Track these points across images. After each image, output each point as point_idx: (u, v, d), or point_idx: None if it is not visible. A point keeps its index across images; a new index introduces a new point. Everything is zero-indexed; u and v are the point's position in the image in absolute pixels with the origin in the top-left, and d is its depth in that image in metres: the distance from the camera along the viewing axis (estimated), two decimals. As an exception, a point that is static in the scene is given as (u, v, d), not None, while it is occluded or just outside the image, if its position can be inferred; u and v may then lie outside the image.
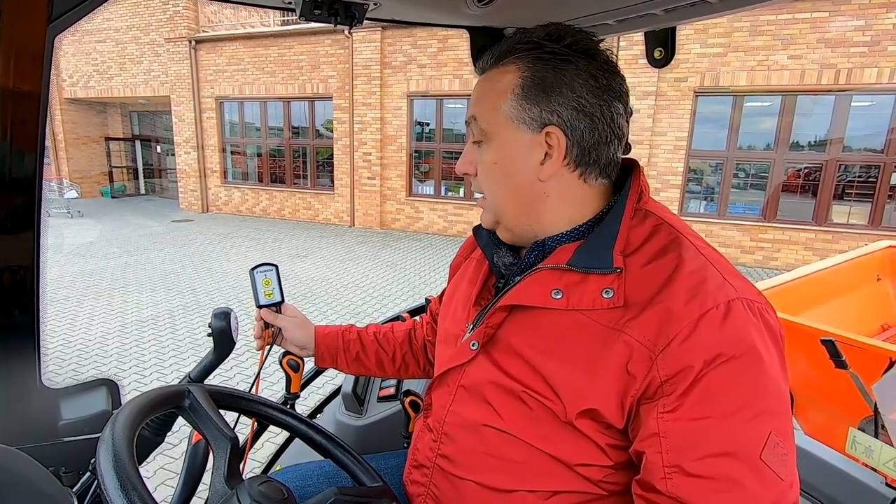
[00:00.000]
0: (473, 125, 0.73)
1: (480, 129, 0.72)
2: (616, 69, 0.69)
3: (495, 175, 0.72)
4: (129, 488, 0.47)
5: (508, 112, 0.68)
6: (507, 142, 0.70)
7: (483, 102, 0.71)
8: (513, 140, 0.69)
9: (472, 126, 0.73)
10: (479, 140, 0.73)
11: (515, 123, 0.68)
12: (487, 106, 0.71)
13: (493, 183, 0.73)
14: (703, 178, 8.67)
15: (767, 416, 0.56)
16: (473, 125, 0.73)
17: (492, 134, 0.71)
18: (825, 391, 2.10)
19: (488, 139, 0.71)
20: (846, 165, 7.69)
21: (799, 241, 7.87)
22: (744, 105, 8.01)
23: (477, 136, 0.72)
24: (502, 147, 0.70)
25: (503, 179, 0.72)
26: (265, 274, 1.03)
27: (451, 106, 10.05)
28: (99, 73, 13.60)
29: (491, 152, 0.71)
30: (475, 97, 0.73)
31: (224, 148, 12.57)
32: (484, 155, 0.72)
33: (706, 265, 0.63)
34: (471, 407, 0.73)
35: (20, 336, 0.83)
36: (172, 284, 6.41)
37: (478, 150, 0.73)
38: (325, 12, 0.86)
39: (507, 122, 0.69)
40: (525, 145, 0.68)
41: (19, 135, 0.72)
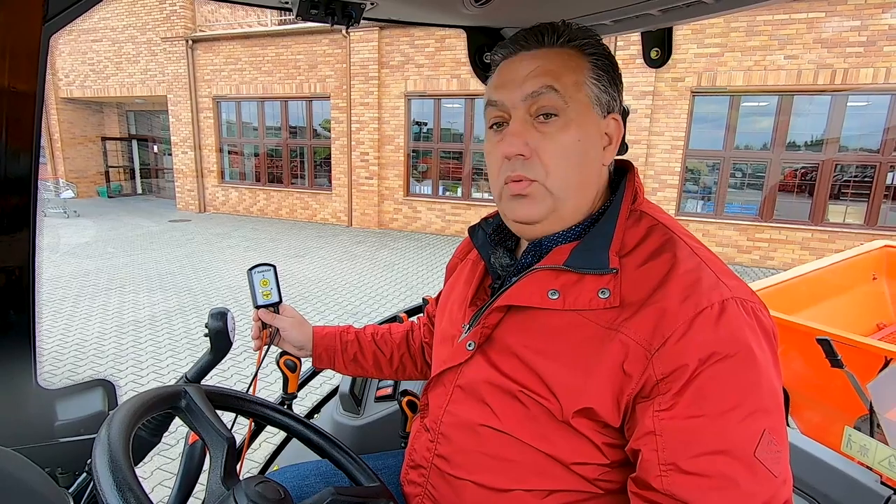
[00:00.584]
0: (551, 97, 0.66)
1: (562, 102, 0.66)
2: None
3: (575, 155, 0.67)
4: (125, 489, 0.47)
5: (589, 91, 0.68)
6: (587, 121, 0.68)
7: (562, 76, 0.67)
8: (591, 120, 0.69)
9: (547, 98, 0.66)
10: (551, 113, 0.66)
11: (592, 104, 0.69)
12: (568, 80, 0.67)
13: (571, 163, 0.67)
14: (700, 177, 8.70)
15: (761, 414, 0.56)
16: (551, 97, 0.66)
17: (573, 110, 0.67)
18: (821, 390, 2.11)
19: (567, 115, 0.66)
20: (842, 165, 7.72)
21: (795, 241, 7.90)
22: (740, 105, 8.04)
23: (551, 109, 0.66)
24: (584, 126, 0.68)
25: (582, 160, 0.68)
26: (263, 274, 1.03)
27: (448, 106, 10.05)
28: (95, 72, 13.54)
29: (573, 129, 0.67)
30: (546, 69, 0.67)
31: (221, 148, 12.54)
32: (560, 133, 0.66)
33: (700, 265, 0.63)
34: (467, 407, 0.73)
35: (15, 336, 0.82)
36: (169, 284, 6.39)
37: (542, 127, 0.67)
38: (321, 12, 0.85)
39: (587, 101, 0.68)
40: (597, 128, 0.69)
41: (14, 134, 0.72)
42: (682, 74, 7.97)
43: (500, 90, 0.70)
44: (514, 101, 0.68)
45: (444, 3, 0.95)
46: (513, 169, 0.68)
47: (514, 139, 0.67)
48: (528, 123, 0.67)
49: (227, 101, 12.18)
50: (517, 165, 0.68)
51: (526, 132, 0.67)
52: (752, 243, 8.13)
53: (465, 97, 9.68)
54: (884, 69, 7.00)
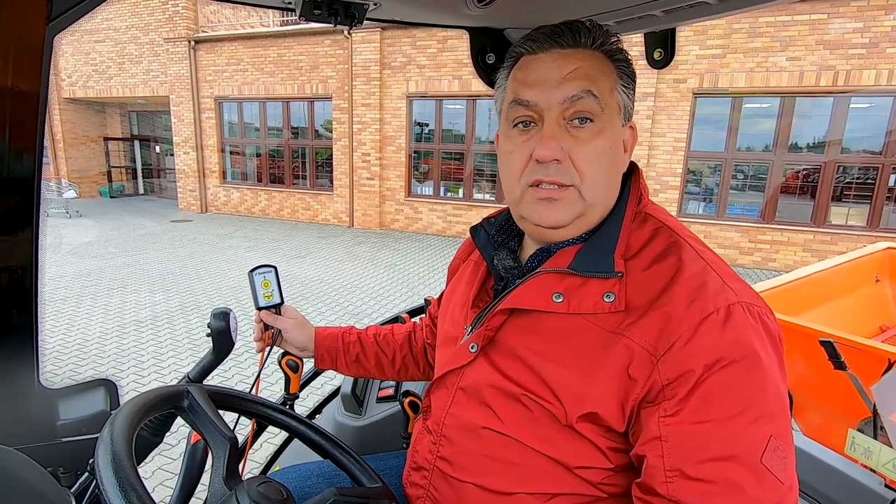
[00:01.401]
0: (588, 102, 0.64)
1: (598, 108, 0.65)
2: None
3: (607, 160, 0.66)
4: (127, 489, 0.47)
5: (619, 97, 0.68)
6: (616, 128, 0.68)
7: (600, 80, 0.65)
8: (618, 127, 0.68)
9: (582, 103, 0.64)
10: (587, 118, 0.65)
11: (620, 111, 0.68)
12: (604, 85, 0.66)
13: (603, 170, 0.66)
14: (702, 179, 8.68)
15: (768, 420, 0.56)
16: (588, 102, 0.64)
17: (607, 117, 0.66)
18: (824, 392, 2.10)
19: (601, 121, 0.66)
20: (845, 167, 7.70)
21: (797, 243, 7.88)
22: (742, 106, 8.03)
23: (587, 114, 0.65)
24: (614, 132, 0.67)
25: (612, 167, 0.68)
26: (264, 275, 1.03)
27: (450, 106, 10.05)
28: (98, 72, 13.58)
29: (605, 136, 0.66)
30: (585, 72, 0.65)
31: (223, 148, 12.56)
32: (595, 138, 0.65)
33: (706, 269, 0.63)
34: (470, 409, 0.73)
35: (18, 336, 0.82)
36: (171, 284, 6.40)
37: (576, 131, 0.65)
38: (324, 12, 0.86)
39: (617, 107, 0.68)
40: (621, 135, 0.69)
41: (18, 134, 0.72)
42: (684, 76, 7.96)
43: (532, 89, 0.66)
44: (549, 102, 0.65)
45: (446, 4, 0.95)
46: (545, 173, 0.65)
47: (551, 142, 0.64)
48: (562, 127, 0.65)
49: (229, 102, 12.20)
50: (551, 170, 0.65)
51: (561, 136, 0.65)
52: (753, 245, 8.12)
53: (467, 98, 9.68)
54: (886, 71, 6.99)
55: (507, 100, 0.70)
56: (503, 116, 0.72)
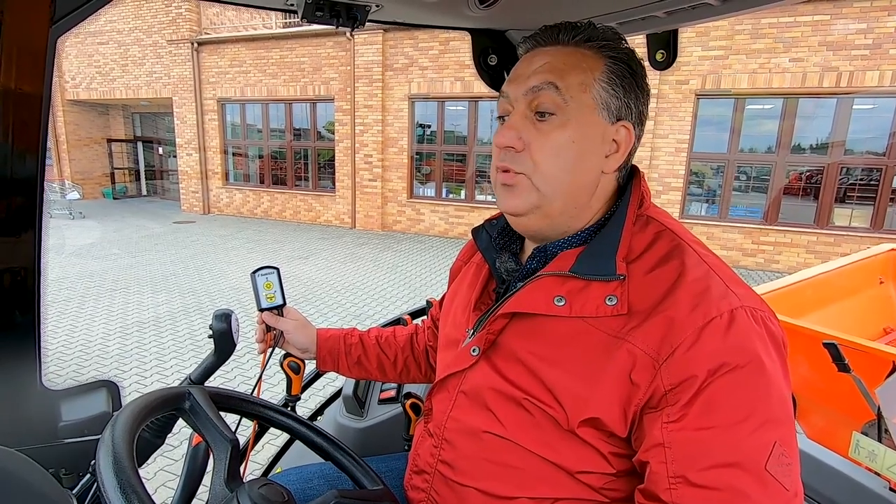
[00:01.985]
0: (550, 93, 0.66)
1: (561, 100, 0.65)
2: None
3: (567, 155, 0.66)
4: (128, 491, 0.47)
5: (596, 93, 0.67)
6: (588, 123, 0.67)
7: (568, 75, 0.66)
8: (593, 123, 0.67)
9: (546, 94, 0.66)
10: (549, 111, 0.66)
11: (598, 108, 0.67)
12: (574, 79, 0.66)
13: (562, 163, 0.66)
14: (705, 180, 8.67)
15: (772, 426, 0.55)
16: (550, 93, 0.66)
17: (573, 110, 0.66)
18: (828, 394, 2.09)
19: (566, 115, 0.66)
20: (848, 168, 7.68)
21: (800, 244, 7.85)
22: (745, 108, 8.01)
23: (550, 108, 0.66)
24: (583, 127, 0.67)
25: (575, 162, 0.67)
26: (266, 277, 1.03)
27: (452, 108, 10.06)
28: (101, 74, 13.63)
29: (569, 130, 0.66)
30: (553, 66, 0.66)
31: (226, 150, 12.59)
32: (557, 131, 0.66)
33: (709, 273, 0.62)
34: (471, 413, 0.73)
35: (21, 337, 0.83)
36: (173, 286, 6.41)
37: (540, 124, 0.67)
38: (326, 14, 0.86)
39: (591, 104, 0.67)
40: (600, 133, 0.68)
41: (21, 136, 0.72)
42: (686, 77, 7.95)
43: (509, 83, 0.71)
44: (517, 94, 0.69)
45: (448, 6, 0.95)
46: (503, 159, 0.69)
47: (508, 131, 0.68)
48: (528, 119, 0.68)
49: (232, 104, 12.24)
50: (507, 157, 0.68)
51: (522, 126, 0.67)
52: (756, 246, 8.09)
53: (469, 99, 9.69)
54: (889, 72, 6.97)
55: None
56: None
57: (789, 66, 7.45)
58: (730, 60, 7.74)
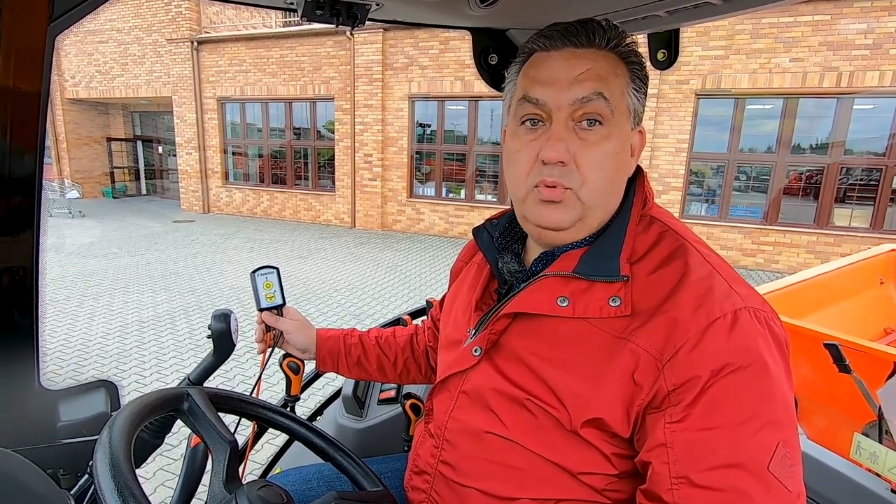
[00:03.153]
0: (597, 104, 0.63)
1: (608, 111, 0.63)
2: None
3: (611, 166, 0.65)
4: (125, 492, 0.47)
5: (630, 100, 0.66)
6: (624, 132, 0.66)
7: (611, 83, 0.64)
8: (627, 131, 0.67)
9: (593, 105, 0.63)
10: (596, 120, 0.64)
11: (630, 115, 0.67)
12: (616, 87, 0.64)
13: (606, 174, 0.65)
14: (705, 180, 8.67)
15: (775, 427, 0.55)
16: (597, 104, 0.63)
17: (616, 120, 0.65)
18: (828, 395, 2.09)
19: (610, 125, 0.64)
20: (848, 168, 7.67)
21: (800, 245, 7.85)
22: (745, 107, 8.01)
23: (597, 117, 0.64)
24: (622, 136, 0.66)
25: (615, 172, 0.66)
26: (266, 276, 1.02)
27: (452, 108, 10.06)
28: (101, 73, 13.62)
29: (613, 139, 0.65)
30: (597, 74, 0.63)
31: (225, 149, 12.58)
32: (603, 141, 0.64)
33: (712, 273, 0.62)
34: (473, 413, 0.72)
35: (19, 337, 0.82)
36: (173, 285, 6.41)
37: (583, 133, 0.64)
38: (326, 13, 0.85)
39: (627, 111, 0.66)
40: (629, 140, 0.68)
41: (19, 134, 0.72)
42: (686, 77, 7.95)
43: (542, 87, 0.65)
44: (559, 102, 0.64)
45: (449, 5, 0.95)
46: (550, 174, 0.64)
47: (558, 144, 0.63)
48: (570, 129, 0.64)
49: (232, 103, 12.23)
50: (555, 172, 0.64)
51: (568, 137, 0.64)
52: (756, 247, 8.09)
53: (469, 99, 9.68)
54: (890, 72, 6.97)
55: (516, 96, 0.69)
56: (511, 113, 0.71)
57: (790, 66, 7.45)
58: (730, 60, 7.73)
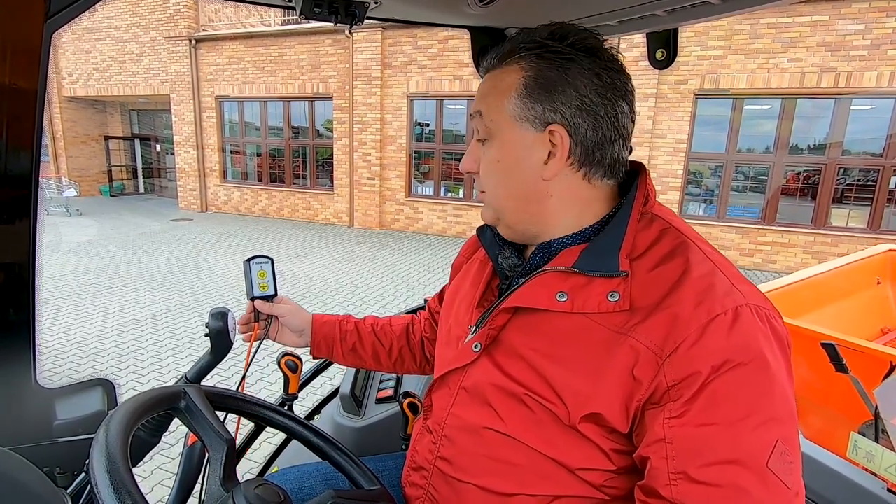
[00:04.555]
0: (478, 122, 0.73)
1: (485, 126, 0.71)
2: (621, 68, 0.68)
3: (498, 173, 0.72)
4: (121, 491, 0.47)
5: (512, 110, 0.68)
6: (510, 140, 0.69)
7: (487, 100, 0.71)
8: (517, 138, 0.69)
9: (477, 123, 0.73)
10: (483, 138, 0.72)
11: (519, 122, 0.68)
12: (492, 103, 0.70)
13: (496, 180, 0.72)
14: (703, 180, 8.68)
15: (774, 424, 0.55)
16: (478, 122, 0.73)
17: (495, 131, 0.70)
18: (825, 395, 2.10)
19: (492, 136, 0.71)
20: (845, 169, 7.70)
21: (798, 245, 7.87)
22: (743, 108, 8.02)
23: (481, 134, 0.72)
24: (506, 145, 0.70)
25: (505, 177, 0.71)
26: (261, 266, 1.02)
27: (451, 107, 10.05)
28: (99, 71, 13.58)
29: (494, 150, 0.71)
30: (480, 94, 0.73)
31: (224, 147, 12.56)
32: (487, 152, 0.72)
33: (714, 270, 0.62)
34: (472, 409, 0.72)
35: (15, 335, 0.82)
36: (170, 283, 6.39)
37: (481, 147, 0.73)
38: (325, 10, 0.85)
39: (510, 121, 0.69)
40: (528, 144, 0.68)
41: (15, 132, 0.72)
42: (685, 77, 7.96)
43: None
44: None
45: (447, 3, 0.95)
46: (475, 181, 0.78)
47: (466, 157, 0.76)
48: (478, 144, 0.74)
49: (230, 101, 12.20)
50: (474, 180, 0.77)
51: (474, 151, 0.75)
52: (754, 247, 8.11)
53: (468, 98, 9.67)
54: (888, 73, 6.98)
55: None
56: None
57: (788, 67, 7.46)
58: (728, 60, 7.74)
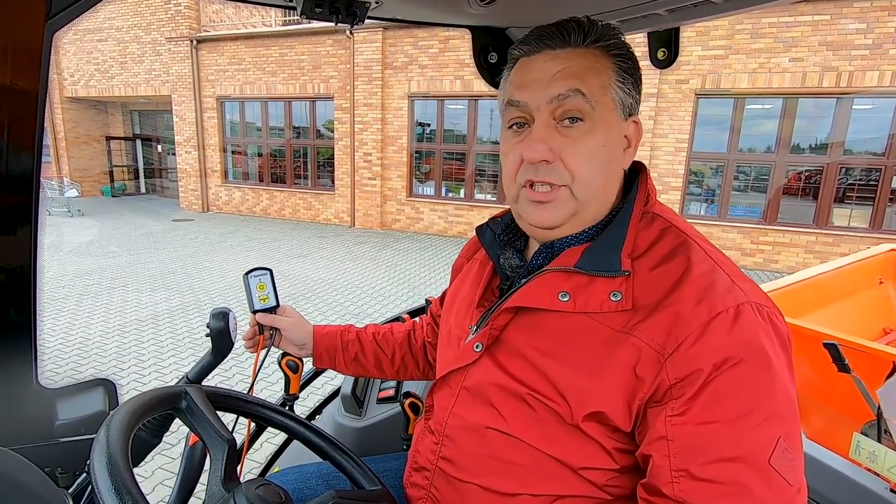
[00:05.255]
0: (577, 100, 0.64)
1: (588, 106, 0.65)
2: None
3: (600, 159, 0.66)
4: (122, 491, 0.47)
5: (614, 94, 0.67)
6: (611, 125, 0.67)
7: (588, 78, 0.65)
8: (615, 124, 0.68)
9: (571, 102, 0.65)
10: (576, 117, 0.65)
11: (616, 107, 0.68)
12: (594, 83, 0.65)
13: (595, 168, 0.66)
14: (704, 180, 8.67)
15: (776, 421, 0.55)
16: (577, 100, 0.64)
17: (598, 114, 0.66)
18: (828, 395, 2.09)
19: (593, 119, 0.65)
20: (847, 168, 7.68)
21: (799, 244, 7.86)
22: (745, 107, 8.01)
23: (578, 114, 0.65)
24: (609, 129, 0.67)
25: (606, 165, 0.67)
26: (259, 278, 1.02)
27: (452, 107, 10.05)
28: (100, 71, 13.60)
29: (598, 134, 0.66)
30: (573, 71, 0.65)
31: (225, 148, 12.57)
32: (586, 137, 0.65)
33: (715, 268, 0.62)
34: (473, 409, 0.72)
35: (17, 336, 0.82)
36: (172, 284, 6.40)
37: (566, 130, 0.66)
38: (326, 10, 0.85)
39: (612, 104, 0.67)
40: (620, 132, 0.69)
41: (17, 133, 0.72)
42: (686, 76, 7.95)
43: (522, 90, 0.68)
44: (538, 102, 0.66)
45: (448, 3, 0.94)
46: (536, 174, 0.66)
47: (538, 144, 0.65)
48: (552, 127, 0.66)
49: (231, 102, 12.21)
50: (541, 170, 0.66)
51: (550, 136, 0.66)
52: (755, 246, 8.10)
53: (469, 98, 9.67)
54: (889, 72, 6.97)
55: (503, 102, 0.72)
56: (502, 118, 0.74)
57: (789, 66, 7.45)
58: (730, 60, 7.73)
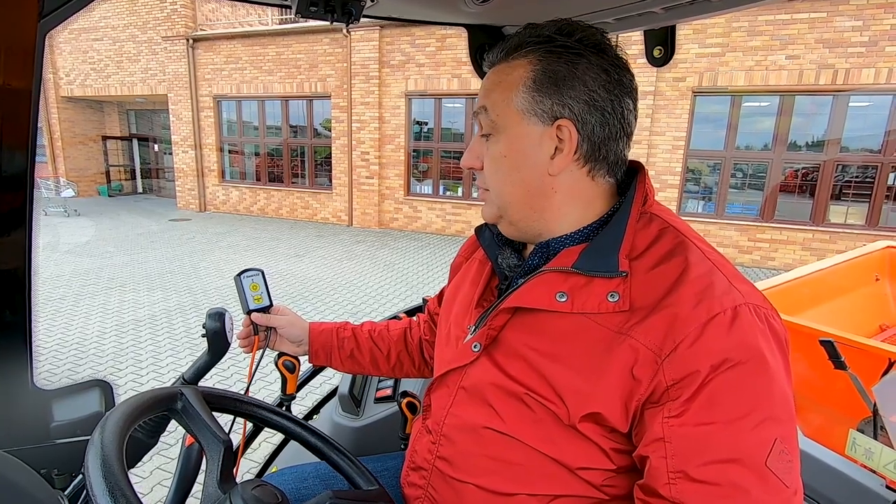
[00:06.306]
0: (483, 117, 0.71)
1: (490, 121, 0.70)
2: (626, 65, 0.69)
3: (504, 168, 0.70)
4: (117, 493, 0.46)
5: (520, 104, 0.67)
6: (517, 135, 0.68)
7: (493, 94, 0.70)
8: (524, 133, 0.68)
9: (481, 118, 0.71)
10: (487, 133, 0.71)
11: (527, 116, 0.67)
12: (498, 98, 0.69)
13: (501, 176, 0.71)
14: (701, 177, 8.69)
15: (773, 423, 0.55)
16: (483, 117, 0.71)
17: (502, 126, 0.69)
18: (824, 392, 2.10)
19: (498, 131, 0.70)
20: (844, 166, 7.71)
21: (796, 241, 7.88)
22: (742, 105, 8.03)
23: (486, 129, 0.71)
24: (512, 140, 0.69)
25: (511, 172, 0.70)
26: (252, 279, 1.02)
27: (449, 105, 10.04)
28: (96, 71, 13.54)
29: (500, 145, 0.70)
30: (485, 89, 0.72)
31: (222, 147, 12.53)
32: (493, 147, 0.71)
33: (712, 269, 0.62)
34: (471, 409, 0.72)
35: (12, 337, 0.82)
36: (169, 284, 6.38)
37: (486, 142, 0.72)
38: (321, 9, 0.85)
39: (518, 115, 0.68)
40: (536, 139, 0.68)
41: (10, 132, 0.71)
42: (683, 74, 7.96)
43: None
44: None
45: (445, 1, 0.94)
46: (476, 178, 0.77)
47: (466, 154, 0.75)
48: (482, 139, 0.73)
49: (228, 101, 12.18)
50: (477, 175, 0.76)
51: (479, 147, 0.74)
52: (752, 244, 8.12)
53: (466, 97, 9.67)
54: (886, 69, 6.99)
55: None
56: None
57: (786, 64, 7.46)
58: (727, 58, 7.74)
